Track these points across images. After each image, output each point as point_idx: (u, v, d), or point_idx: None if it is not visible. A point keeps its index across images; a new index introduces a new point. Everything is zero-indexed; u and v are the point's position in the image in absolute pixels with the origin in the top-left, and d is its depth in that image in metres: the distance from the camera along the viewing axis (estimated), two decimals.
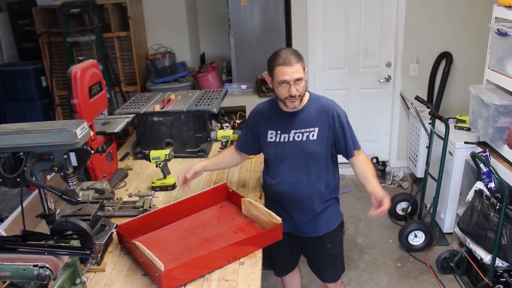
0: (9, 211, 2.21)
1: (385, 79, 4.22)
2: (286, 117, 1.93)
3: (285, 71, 1.78)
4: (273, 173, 2.01)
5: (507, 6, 2.47)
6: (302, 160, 1.93)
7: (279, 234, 1.74)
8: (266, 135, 1.97)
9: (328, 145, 1.93)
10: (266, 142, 1.98)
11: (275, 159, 1.98)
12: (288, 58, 1.79)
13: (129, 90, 4.10)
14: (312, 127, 1.90)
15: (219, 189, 2.04)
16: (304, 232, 2.06)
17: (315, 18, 4.06)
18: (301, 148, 1.91)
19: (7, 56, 4.23)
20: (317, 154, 1.93)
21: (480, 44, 3.31)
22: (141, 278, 1.58)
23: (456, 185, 3.13)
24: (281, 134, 1.94)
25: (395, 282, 2.96)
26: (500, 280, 2.48)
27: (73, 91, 1.94)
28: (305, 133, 1.91)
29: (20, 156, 1.49)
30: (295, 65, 1.79)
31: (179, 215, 1.93)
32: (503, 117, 2.51)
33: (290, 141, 1.92)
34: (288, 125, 1.93)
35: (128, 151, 2.77)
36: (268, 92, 4.21)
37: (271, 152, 1.98)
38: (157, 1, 4.23)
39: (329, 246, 2.09)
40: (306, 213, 2.01)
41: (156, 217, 1.87)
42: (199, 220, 1.92)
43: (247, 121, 2.08)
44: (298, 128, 1.91)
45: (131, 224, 1.78)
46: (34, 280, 1.18)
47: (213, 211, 1.99)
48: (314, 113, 1.92)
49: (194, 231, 1.84)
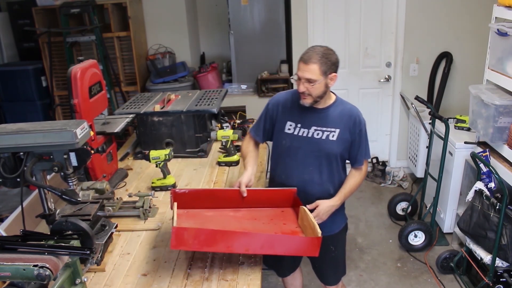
0: (9, 211, 2.22)
1: (385, 79, 4.22)
2: (309, 112, 1.90)
3: (300, 67, 1.79)
4: (284, 167, 1.98)
5: (507, 6, 2.47)
6: (317, 158, 1.91)
7: (313, 249, 1.58)
8: (284, 125, 1.94)
9: (345, 148, 1.92)
10: (283, 133, 1.95)
11: (288, 152, 1.95)
12: (309, 56, 1.78)
13: (129, 90, 4.10)
14: (333, 128, 1.89)
15: (286, 193, 1.91)
16: None
17: (315, 18, 4.06)
18: (318, 146, 1.90)
19: (7, 56, 4.23)
20: (333, 155, 1.92)
21: (480, 44, 3.31)
22: (141, 278, 1.58)
23: (456, 185, 3.13)
24: (300, 128, 1.91)
25: (395, 282, 2.96)
26: (500, 280, 2.48)
27: (73, 91, 1.94)
28: (325, 132, 1.89)
29: (20, 156, 1.49)
30: (310, 65, 1.76)
31: (238, 203, 1.87)
32: (503, 117, 2.51)
33: (308, 137, 1.90)
34: (309, 120, 1.90)
35: (128, 151, 2.77)
36: (268, 92, 4.21)
37: (286, 143, 1.94)
38: (157, 1, 4.23)
39: (332, 248, 2.07)
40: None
41: (213, 196, 1.87)
42: (253, 214, 1.85)
43: (266, 108, 2.03)
44: (320, 125, 1.90)
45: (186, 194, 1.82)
46: (34, 280, 1.18)
47: (271, 211, 1.89)
48: (337, 115, 1.90)
49: (240, 220, 1.80)
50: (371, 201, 3.99)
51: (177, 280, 1.56)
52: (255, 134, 2.08)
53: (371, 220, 3.68)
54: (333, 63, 1.81)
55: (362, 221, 3.67)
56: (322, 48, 1.81)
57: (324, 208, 1.89)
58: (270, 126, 2.02)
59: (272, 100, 2.03)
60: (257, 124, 2.08)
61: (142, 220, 1.96)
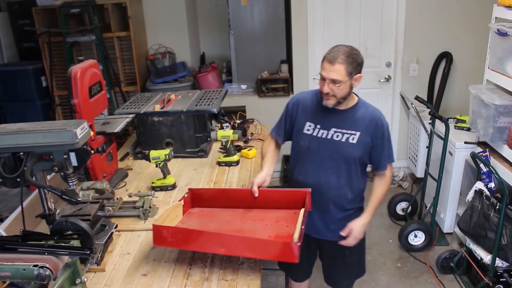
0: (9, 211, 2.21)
1: (385, 79, 4.22)
2: (330, 113, 1.86)
3: (324, 67, 1.75)
4: (301, 168, 1.94)
5: (507, 6, 2.47)
6: (335, 160, 1.86)
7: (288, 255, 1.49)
8: (303, 125, 1.90)
9: (365, 152, 1.88)
10: (302, 133, 1.91)
11: (307, 153, 1.91)
12: (335, 56, 1.72)
13: (129, 90, 4.10)
14: (354, 130, 1.84)
15: (299, 194, 1.83)
16: (322, 234, 1.99)
17: (315, 18, 4.06)
18: (337, 149, 1.85)
19: (7, 56, 4.23)
20: (352, 159, 1.87)
21: (480, 44, 3.32)
22: (141, 278, 1.58)
23: (456, 185, 3.13)
24: (320, 129, 1.87)
25: (395, 282, 2.96)
26: (500, 280, 2.48)
27: (73, 91, 1.94)
28: (345, 135, 1.84)
29: (20, 156, 1.49)
30: (336, 65, 1.71)
31: (251, 203, 1.85)
32: (503, 117, 2.51)
33: (327, 139, 1.86)
34: (329, 121, 1.86)
35: (128, 151, 2.77)
36: (268, 92, 4.21)
37: (304, 144, 1.90)
38: (157, 1, 4.23)
39: (347, 253, 2.02)
40: (327, 215, 1.95)
41: (227, 196, 1.89)
42: (262, 215, 1.81)
43: (286, 107, 2.00)
44: (340, 127, 1.85)
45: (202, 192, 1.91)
46: (34, 280, 1.18)
47: (283, 213, 1.81)
48: (359, 117, 1.86)
49: (245, 220, 1.78)
50: None
51: (177, 280, 1.56)
52: (276, 135, 2.04)
53: (371, 220, 3.68)
54: (358, 63, 1.77)
55: None
56: (347, 48, 1.75)
57: (358, 230, 1.91)
58: (290, 126, 1.98)
59: (292, 100, 1.99)
60: (278, 124, 2.04)
61: (142, 220, 1.96)
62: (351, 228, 1.92)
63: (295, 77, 4.21)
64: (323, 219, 1.97)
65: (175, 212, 1.84)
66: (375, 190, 1.99)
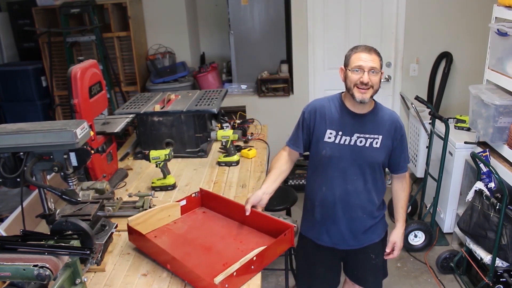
0: (9, 211, 2.21)
1: (385, 79, 4.21)
2: (351, 119, 1.82)
3: (362, 57, 1.72)
4: (325, 177, 1.86)
5: (507, 6, 2.47)
6: (360, 166, 1.82)
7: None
8: (323, 134, 1.83)
9: (387, 155, 1.86)
10: (322, 142, 1.83)
11: (329, 162, 1.83)
12: (369, 48, 1.74)
13: (129, 90, 4.10)
14: (376, 134, 1.81)
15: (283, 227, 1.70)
16: (350, 244, 1.93)
17: (315, 18, 4.05)
18: (361, 154, 1.80)
19: (7, 56, 4.23)
20: (377, 163, 1.84)
21: (480, 44, 3.31)
22: (141, 278, 1.58)
23: (456, 185, 3.13)
24: (342, 136, 1.81)
25: (395, 282, 2.96)
26: (500, 280, 2.48)
27: (73, 91, 1.94)
28: (368, 139, 1.80)
29: (20, 156, 1.49)
30: (373, 55, 1.72)
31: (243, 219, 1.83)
32: (503, 117, 2.51)
33: (351, 145, 1.80)
34: (351, 127, 1.81)
35: (128, 151, 2.77)
36: (268, 92, 4.21)
37: (327, 153, 1.82)
38: (157, 1, 4.23)
39: (372, 256, 1.99)
40: (356, 223, 1.89)
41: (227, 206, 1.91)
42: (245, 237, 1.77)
43: (302, 116, 1.91)
44: (363, 132, 1.80)
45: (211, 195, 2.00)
46: (34, 280, 1.18)
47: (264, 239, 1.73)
48: (379, 120, 1.83)
49: (226, 238, 1.77)
50: None
51: (177, 280, 1.56)
52: (294, 146, 1.93)
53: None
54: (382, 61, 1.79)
55: None
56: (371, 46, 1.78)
57: (400, 240, 1.98)
58: (307, 136, 1.90)
59: (308, 108, 1.90)
60: (294, 136, 1.94)
61: None
62: (394, 242, 1.97)
63: (295, 77, 4.21)
64: (352, 229, 1.90)
65: (167, 212, 1.88)
66: (400, 196, 2.00)
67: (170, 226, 1.87)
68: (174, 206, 1.91)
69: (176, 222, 1.90)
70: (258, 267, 1.55)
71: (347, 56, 1.80)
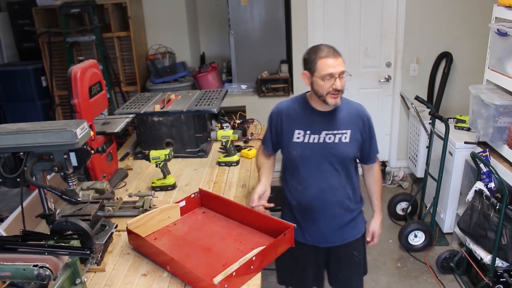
0: (9, 211, 2.21)
1: (385, 79, 4.22)
2: (317, 117, 1.83)
3: (330, 64, 1.69)
4: (299, 177, 1.88)
5: (507, 6, 2.47)
6: (332, 163, 1.83)
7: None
8: (292, 135, 1.85)
9: (358, 149, 1.87)
10: (292, 143, 1.85)
11: (301, 162, 1.85)
12: (332, 51, 1.72)
13: (129, 90, 4.10)
14: (345, 129, 1.82)
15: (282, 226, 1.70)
16: (331, 241, 1.95)
17: (315, 18, 4.06)
18: (332, 151, 1.81)
19: (7, 56, 4.23)
20: (348, 158, 1.85)
21: (480, 44, 3.31)
22: (141, 278, 1.58)
23: (456, 185, 3.13)
24: (310, 135, 1.82)
25: (395, 282, 2.96)
26: (500, 280, 2.48)
27: (73, 91, 1.94)
28: (337, 135, 1.82)
29: (20, 156, 1.49)
30: (339, 58, 1.72)
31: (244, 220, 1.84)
32: (503, 117, 2.51)
33: (320, 143, 1.82)
34: (318, 125, 1.82)
35: (128, 151, 2.77)
36: (268, 92, 4.21)
37: (297, 153, 1.84)
38: (157, 1, 4.23)
39: (355, 254, 2.01)
40: (335, 220, 1.90)
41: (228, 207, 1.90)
42: (245, 237, 1.77)
43: (270, 119, 1.94)
44: (330, 129, 1.82)
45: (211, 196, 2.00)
46: (34, 280, 1.18)
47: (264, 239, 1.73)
48: (346, 115, 1.84)
49: (225, 238, 1.77)
50: None
51: (177, 280, 1.56)
52: (265, 147, 2.00)
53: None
54: None
55: None
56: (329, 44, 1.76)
57: (378, 229, 2.04)
58: (276, 138, 1.93)
59: (274, 110, 1.93)
60: (265, 136, 2.00)
61: None
62: (373, 231, 2.03)
63: (295, 77, 4.21)
64: (331, 226, 1.92)
65: (166, 214, 1.87)
66: (374, 189, 2.03)
67: (170, 227, 1.86)
68: (174, 207, 1.91)
69: (176, 223, 1.89)
70: (257, 267, 1.55)
71: (310, 61, 1.76)
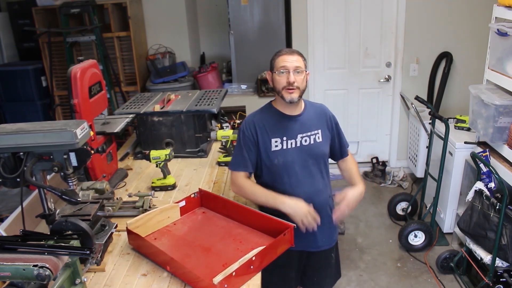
0: (9, 211, 2.21)
1: (385, 79, 4.22)
2: (289, 122, 1.86)
3: (285, 59, 1.79)
4: (282, 186, 1.84)
5: (507, 6, 2.47)
6: (313, 164, 1.87)
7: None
8: (269, 144, 1.84)
9: (329, 146, 1.95)
10: (271, 152, 1.83)
11: (284, 169, 1.84)
12: (290, 50, 1.83)
13: (129, 90, 4.10)
14: (316, 129, 1.89)
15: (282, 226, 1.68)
16: (320, 245, 1.93)
17: (315, 18, 4.06)
18: (310, 152, 1.86)
19: (7, 56, 4.23)
20: (324, 156, 1.92)
21: (480, 44, 3.31)
22: (141, 278, 1.58)
23: (456, 185, 3.13)
24: (287, 140, 1.84)
25: (395, 282, 2.96)
26: (500, 280, 2.48)
27: (73, 91, 1.94)
28: (311, 136, 1.87)
29: (20, 156, 1.49)
30: (295, 56, 1.80)
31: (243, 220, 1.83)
32: (503, 117, 2.51)
33: (298, 146, 1.85)
34: (292, 130, 1.85)
35: (128, 151, 2.77)
36: (268, 92, 4.21)
37: (279, 161, 1.83)
38: (157, 1, 4.23)
39: (332, 256, 2.04)
40: (324, 222, 1.85)
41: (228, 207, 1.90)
42: (245, 236, 1.75)
43: (242, 136, 1.88)
44: (304, 131, 1.86)
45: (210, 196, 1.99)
46: (34, 280, 1.18)
47: (264, 239, 1.71)
48: (313, 115, 1.92)
49: (225, 238, 1.75)
50: (371, 201, 3.99)
51: (177, 280, 1.56)
52: (244, 168, 1.87)
53: (371, 220, 3.69)
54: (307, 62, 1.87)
55: (362, 221, 3.67)
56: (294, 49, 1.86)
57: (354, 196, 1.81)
58: (254, 154, 1.86)
59: (244, 125, 1.89)
60: (239, 158, 1.88)
61: None
62: (346, 193, 1.81)
63: None
64: (322, 229, 1.86)
65: (166, 214, 1.87)
66: (352, 169, 2.02)
67: (170, 227, 1.86)
68: (173, 207, 1.91)
69: (176, 223, 1.89)
70: (257, 267, 1.55)
71: (272, 61, 1.85)
